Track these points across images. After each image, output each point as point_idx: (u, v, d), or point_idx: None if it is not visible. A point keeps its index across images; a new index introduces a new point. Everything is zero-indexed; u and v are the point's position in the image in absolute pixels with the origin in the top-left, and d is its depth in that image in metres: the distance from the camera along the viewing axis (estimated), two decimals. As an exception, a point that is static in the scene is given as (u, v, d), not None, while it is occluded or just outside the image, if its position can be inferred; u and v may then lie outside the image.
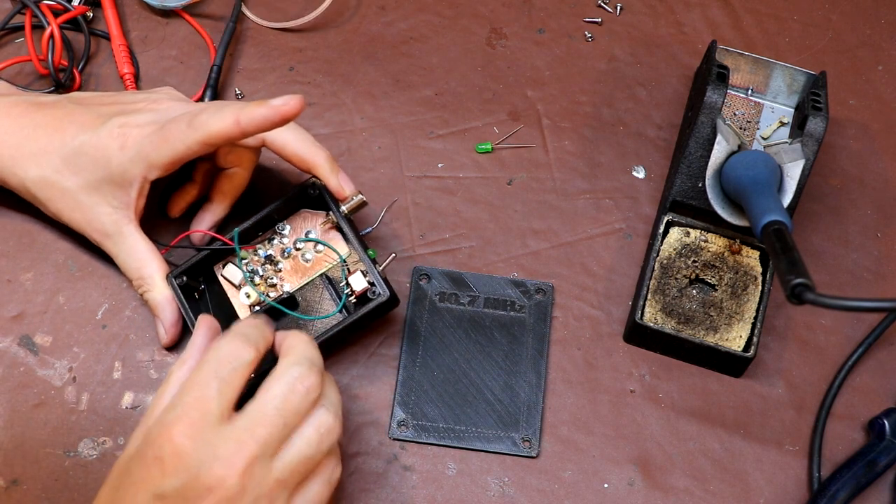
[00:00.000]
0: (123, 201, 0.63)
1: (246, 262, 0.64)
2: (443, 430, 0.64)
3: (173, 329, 0.64)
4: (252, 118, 0.59)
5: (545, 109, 0.77)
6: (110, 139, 0.62)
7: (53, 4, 0.75)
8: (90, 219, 0.63)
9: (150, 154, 0.61)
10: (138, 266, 0.63)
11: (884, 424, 0.64)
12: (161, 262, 0.64)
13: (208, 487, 0.50)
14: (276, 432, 0.52)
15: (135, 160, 0.61)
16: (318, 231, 0.65)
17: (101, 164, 0.62)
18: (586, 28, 0.81)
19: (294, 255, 0.65)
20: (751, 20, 0.82)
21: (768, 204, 0.59)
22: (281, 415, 0.52)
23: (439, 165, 0.74)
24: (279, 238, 0.65)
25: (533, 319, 0.68)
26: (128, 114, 0.63)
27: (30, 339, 0.65)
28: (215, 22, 0.79)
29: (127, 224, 0.63)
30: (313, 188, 0.65)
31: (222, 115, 0.60)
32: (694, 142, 0.68)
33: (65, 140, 0.62)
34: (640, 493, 0.63)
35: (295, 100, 0.59)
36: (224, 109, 0.60)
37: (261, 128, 0.60)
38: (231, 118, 0.59)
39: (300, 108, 0.59)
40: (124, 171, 0.62)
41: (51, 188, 0.63)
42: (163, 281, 0.63)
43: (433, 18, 0.81)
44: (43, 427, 0.63)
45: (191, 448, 0.50)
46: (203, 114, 0.60)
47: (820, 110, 0.67)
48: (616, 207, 0.73)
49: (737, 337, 0.66)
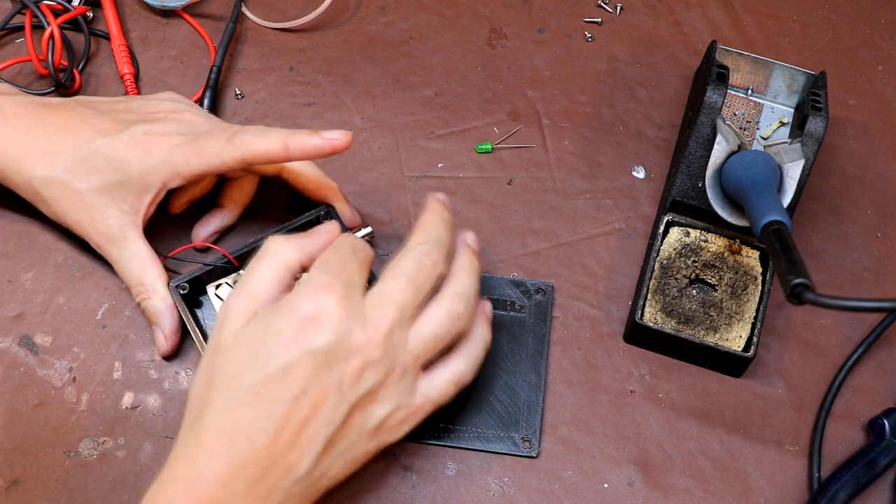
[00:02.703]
0: (134, 206, 0.63)
1: None
2: (442, 430, 0.64)
3: (174, 336, 0.64)
4: (302, 146, 0.61)
5: (545, 109, 0.77)
6: (133, 144, 0.62)
7: (53, 4, 0.75)
8: (96, 220, 0.63)
9: (178, 163, 0.62)
10: (139, 272, 0.63)
11: (884, 424, 0.64)
12: (162, 269, 0.64)
13: (357, 348, 0.53)
14: (410, 298, 0.55)
15: (159, 167, 0.62)
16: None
17: (119, 167, 0.62)
18: (586, 28, 0.81)
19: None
20: (751, 20, 0.82)
21: (768, 204, 0.59)
22: (413, 283, 0.56)
23: (439, 165, 0.74)
24: None
25: (533, 319, 0.68)
26: (151, 122, 0.64)
27: (30, 339, 0.65)
28: (215, 22, 0.79)
29: (133, 229, 0.63)
30: (327, 215, 0.65)
31: (270, 138, 0.61)
32: (694, 142, 0.68)
33: (79, 142, 0.63)
34: (640, 493, 0.63)
35: (347, 135, 0.62)
36: (269, 132, 0.62)
37: (307, 156, 0.62)
38: (280, 142, 0.61)
39: (349, 143, 0.62)
40: (144, 176, 0.62)
41: (58, 188, 0.63)
42: (164, 288, 0.63)
43: (433, 18, 0.81)
44: (43, 427, 0.63)
45: (345, 309, 0.53)
46: (245, 134, 0.62)
47: (820, 110, 0.67)
48: (616, 207, 0.73)
49: (737, 337, 0.66)
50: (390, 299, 0.55)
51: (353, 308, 0.54)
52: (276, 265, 0.56)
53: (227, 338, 0.54)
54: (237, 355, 0.54)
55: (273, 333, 0.53)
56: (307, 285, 0.54)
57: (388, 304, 0.55)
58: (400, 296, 0.55)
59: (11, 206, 0.69)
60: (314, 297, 0.53)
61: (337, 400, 0.53)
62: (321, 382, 0.53)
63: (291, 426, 0.52)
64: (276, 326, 0.53)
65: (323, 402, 0.53)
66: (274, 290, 0.56)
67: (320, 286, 0.54)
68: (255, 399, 0.52)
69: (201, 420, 0.52)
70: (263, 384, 0.52)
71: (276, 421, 0.52)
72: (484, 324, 0.61)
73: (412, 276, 0.56)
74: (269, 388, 0.52)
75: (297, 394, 0.52)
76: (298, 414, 0.52)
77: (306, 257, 0.58)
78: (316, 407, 0.52)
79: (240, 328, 0.54)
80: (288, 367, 0.52)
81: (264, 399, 0.52)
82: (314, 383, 0.52)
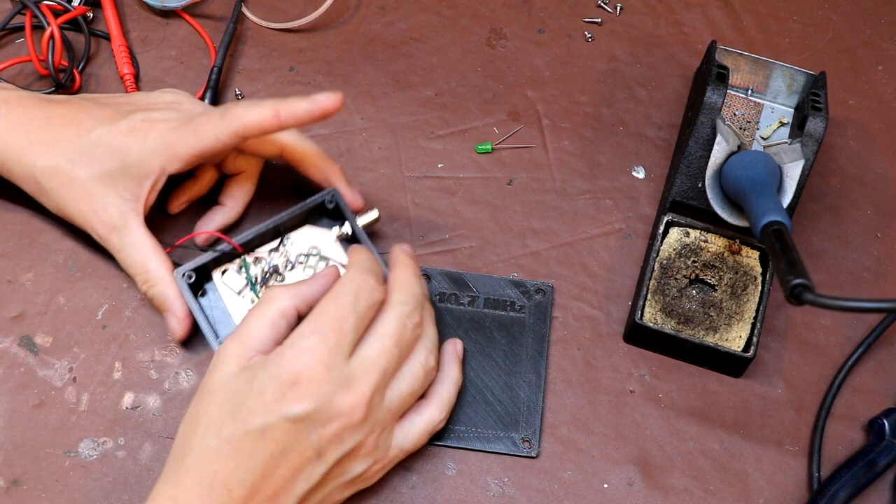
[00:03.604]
0: (134, 193, 0.63)
1: (244, 270, 0.64)
2: (442, 430, 0.64)
3: (187, 320, 0.64)
4: (292, 112, 0.60)
5: (545, 109, 0.77)
6: (131, 131, 0.62)
7: (53, 5, 0.75)
8: (97, 209, 0.63)
9: (175, 145, 0.62)
10: (143, 259, 0.63)
11: (883, 424, 0.64)
12: (165, 257, 0.64)
13: (338, 413, 0.54)
14: (393, 364, 0.56)
15: (157, 151, 0.62)
16: (325, 245, 0.66)
17: (118, 154, 0.62)
18: (586, 28, 0.81)
19: (297, 268, 0.65)
20: (751, 20, 0.82)
21: (768, 204, 0.59)
22: (398, 347, 0.57)
23: (439, 166, 0.74)
24: (284, 248, 0.66)
25: (533, 319, 0.68)
26: (150, 111, 0.64)
27: (30, 340, 0.65)
28: (215, 22, 0.79)
29: (134, 217, 0.63)
30: (331, 200, 0.65)
31: (260, 108, 0.61)
32: (694, 142, 0.68)
33: (80, 132, 0.63)
34: (640, 493, 0.63)
35: (336, 96, 0.60)
36: (261, 103, 0.61)
37: (299, 122, 0.61)
38: (270, 111, 0.60)
39: (340, 105, 0.61)
40: (143, 161, 0.62)
41: (59, 177, 0.63)
42: (169, 275, 0.63)
43: (433, 18, 0.81)
44: (43, 427, 0.63)
45: (326, 376, 0.54)
46: (237, 108, 0.61)
47: (820, 110, 0.67)
48: (616, 207, 0.73)
49: (736, 337, 0.66)
50: (375, 365, 0.55)
51: (336, 373, 0.54)
52: (271, 313, 0.57)
53: (216, 383, 0.55)
54: (222, 404, 0.54)
55: (255, 393, 0.53)
56: (291, 347, 0.54)
57: (372, 370, 0.55)
58: (385, 360, 0.56)
59: (12, 207, 0.69)
60: (297, 361, 0.54)
61: (315, 462, 0.54)
62: (300, 445, 0.53)
63: (269, 483, 0.53)
64: (258, 386, 0.53)
65: (301, 464, 0.54)
66: (267, 337, 0.56)
67: (304, 350, 0.54)
68: (234, 452, 0.53)
69: (184, 462, 0.53)
70: (242, 439, 0.53)
71: (254, 476, 0.52)
72: (455, 364, 0.63)
73: (397, 340, 0.57)
74: (247, 443, 0.53)
75: (275, 454, 0.53)
76: (276, 472, 0.53)
77: (304, 304, 0.58)
78: (294, 468, 0.53)
79: (228, 376, 0.55)
80: (266, 429, 0.53)
81: (243, 453, 0.53)
82: (293, 446, 0.53)
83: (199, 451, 0.53)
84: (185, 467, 0.53)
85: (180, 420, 0.56)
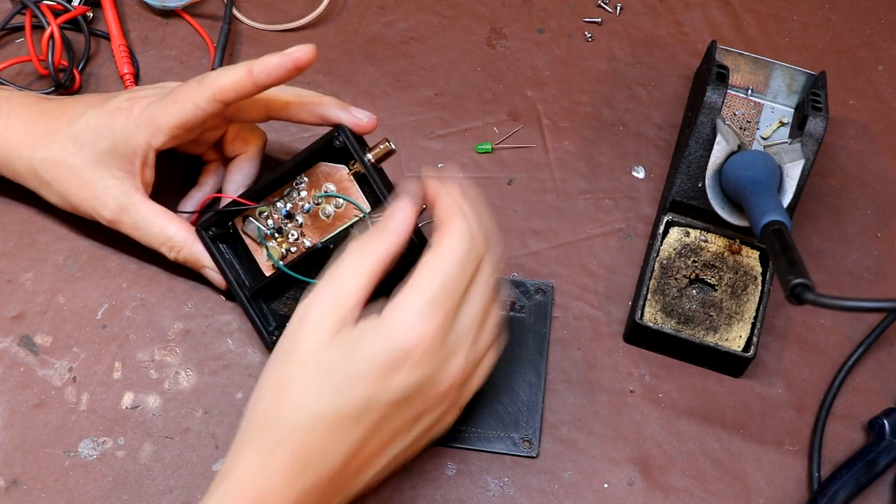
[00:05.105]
0: (128, 171, 0.63)
1: (265, 217, 0.64)
2: (443, 430, 0.64)
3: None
4: (265, 68, 0.59)
5: (545, 109, 0.77)
6: (117, 111, 0.63)
7: (53, 4, 0.75)
8: (98, 194, 0.63)
9: (157, 117, 0.61)
10: (161, 228, 0.63)
11: (883, 424, 0.64)
12: (181, 219, 0.64)
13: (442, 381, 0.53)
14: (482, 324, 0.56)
15: (140, 126, 0.62)
16: (339, 184, 0.63)
17: (104, 134, 0.62)
18: (586, 28, 0.81)
19: (314, 211, 0.64)
20: (751, 20, 0.82)
21: (768, 204, 0.59)
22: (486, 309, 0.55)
23: (439, 165, 0.74)
24: (297, 192, 0.64)
25: (533, 319, 0.68)
26: (137, 91, 0.65)
27: (30, 340, 0.65)
28: (215, 22, 0.79)
29: (135, 193, 0.63)
30: (338, 138, 0.62)
31: (234, 69, 0.60)
32: (694, 142, 0.68)
33: (72, 118, 0.63)
34: (640, 493, 0.63)
35: (308, 47, 0.59)
36: (235, 66, 0.61)
37: (273, 78, 0.59)
38: (243, 70, 0.60)
39: (313, 57, 0.59)
40: (129, 137, 0.62)
41: (58, 167, 0.63)
42: (193, 235, 0.64)
43: (433, 18, 0.81)
44: (43, 427, 0.63)
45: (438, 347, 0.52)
46: (213, 73, 0.61)
47: (820, 110, 0.67)
48: (616, 207, 0.73)
49: (737, 337, 0.66)
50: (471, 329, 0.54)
51: (446, 344, 0.52)
52: (364, 268, 0.53)
53: (305, 351, 0.52)
54: (315, 378, 0.51)
55: (359, 366, 0.51)
56: (405, 315, 0.51)
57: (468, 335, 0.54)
58: (478, 323, 0.55)
59: (12, 207, 0.69)
60: (410, 332, 0.51)
61: (409, 429, 0.54)
62: (399, 419, 0.53)
63: (360, 457, 0.53)
64: (362, 356, 0.51)
65: (396, 433, 0.53)
66: (361, 297, 0.53)
67: (420, 320, 0.51)
68: (330, 430, 0.51)
69: (273, 436, 0.51)
70: (340, 418, 0.51)
71: (346, 454, 0.52)
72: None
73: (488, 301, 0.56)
74: (345, 422, 0.51)
75: (373, 429, 0.52)
76: (370, 444, 0.52)
77: (392, 259, 0.54)
78: (389, 438, 0.53)
79: (321, 344, 0.52)
80: (368, 408, 0.51)
81: (339, 431, 0.51)
82: (392, 421, 0.53)
83: (290, 426, 0.51)
84: (275, 441, 0.51)
85: (180, 419, 0.55)
